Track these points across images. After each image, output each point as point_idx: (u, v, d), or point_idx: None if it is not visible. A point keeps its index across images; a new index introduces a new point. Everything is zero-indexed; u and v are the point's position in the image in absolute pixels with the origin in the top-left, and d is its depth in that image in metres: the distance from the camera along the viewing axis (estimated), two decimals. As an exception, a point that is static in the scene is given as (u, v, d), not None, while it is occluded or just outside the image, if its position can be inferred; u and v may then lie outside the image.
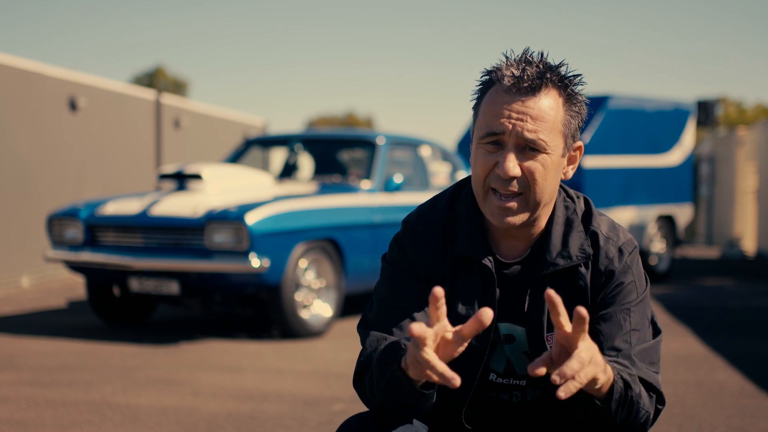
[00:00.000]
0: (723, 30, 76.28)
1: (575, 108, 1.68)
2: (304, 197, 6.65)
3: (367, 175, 7.36)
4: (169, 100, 13.61)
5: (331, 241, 6.59)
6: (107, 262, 6.31)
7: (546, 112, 1.63)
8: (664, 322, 7.22)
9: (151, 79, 47.40)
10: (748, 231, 15.80)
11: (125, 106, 11.94)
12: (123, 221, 6.35)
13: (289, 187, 7.19)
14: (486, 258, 1.72)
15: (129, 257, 6.21)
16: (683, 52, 78.57)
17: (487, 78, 1.69)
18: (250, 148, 8.42)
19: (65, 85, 10.39)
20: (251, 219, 5.91)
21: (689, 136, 11.51)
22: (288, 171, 8.25)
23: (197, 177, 6.67)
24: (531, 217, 1.68)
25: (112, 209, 6.46)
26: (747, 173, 15.71)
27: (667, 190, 11.17)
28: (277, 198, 6.47)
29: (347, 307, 7.41)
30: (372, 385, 1.64)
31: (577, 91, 1.69)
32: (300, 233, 6.25)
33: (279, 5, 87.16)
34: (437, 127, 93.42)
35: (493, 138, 1.64)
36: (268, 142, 8.90)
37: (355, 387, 1.74)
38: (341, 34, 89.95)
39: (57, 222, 6.57)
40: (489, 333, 1.71)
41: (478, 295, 1.72)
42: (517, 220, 1.67)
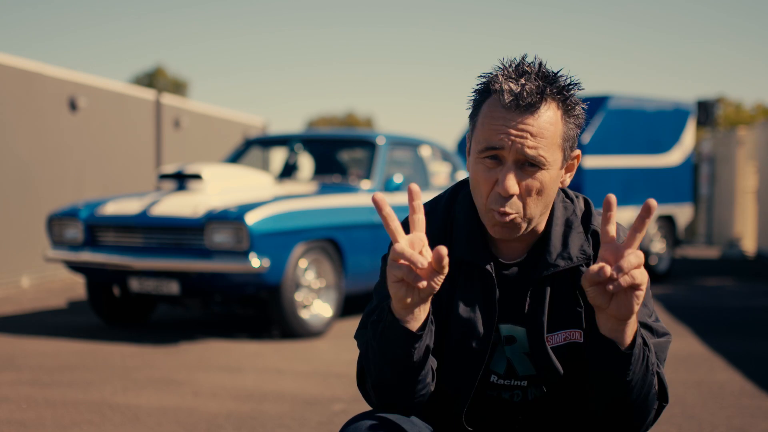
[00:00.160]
0: (723, 30, 76.30)
1: (574, 119, 1.68)
2: (304, 197, 6.65)
3: (367, 175, 7.36)
4: (169, 100, 13.61)
5: (331, 241, 6.59)
6: (107, 262, 6.31)
7: (546, 128, 1.62)
8: (664, 321, 7.19)
9: (151, 79, 47.41)
10: (748, 231, 15.80)
11: (125, 106, 11.94)
12: (123, 221, 6.35)
13: (289, 187, 7.19)
14: (485, 260, 1.72)
15: (129, 257, 6.21)
16: (683, 52, 78.61)
17: (484, 88, 1.67)
18: (250, 148, 8.42)
19: (65, 85, 10.39)
20: (251, 219, 5.91)
21: (689, 136, 11.51)
22: (288, 171, 8.24)
23: (197, 177, 6.67)
24: (529, 228, 1.69)
25: (112, 209, 6.46)
26: (747, 173, 15.71)
27: (667, 190, 11.17)
28: (277, 198, 6.47)
29: (347, 307, 7.41)
30: (370, 360, 1.64)
31: (576, 101, 1.68)
32: (300, 233, 6.25)
33: (279, 5, 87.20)
34: (437, 127, 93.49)
35: (492, 152, 1.64)
36: (268, 142, 8.90)
37: (359, 386, 1.74)
38: (341, 34, 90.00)
39: (57, 222, 6.57)
40: (489, 335, 1.71)
41: (478, 298, 1.72)
42: (516, 233, 1.67)
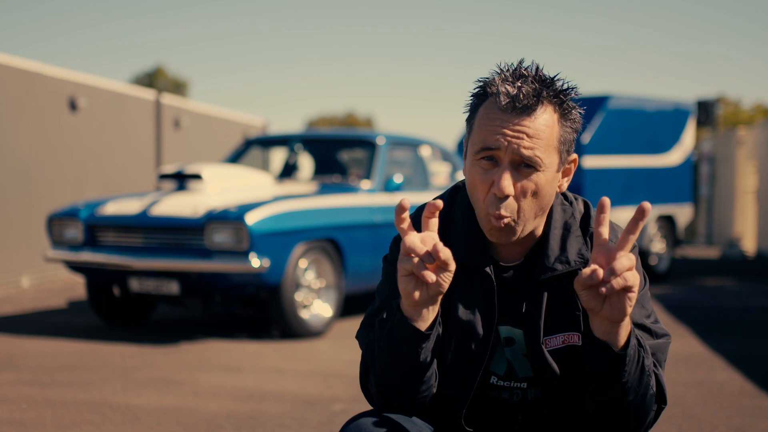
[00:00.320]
0: (723, 30, 76.30)
1: (571, 122, 1.68)
2: (304, 197, 6.65)
3: (367, 175, 7.36)
4: (169, 100, 13.61)
5: (331, 241, 6.59)
6: (107, 262, 6.31)
7: (542, 130, 1.63)
8: (664, 321, 7.22)
9: (151, 79, 47.40)
10: (748, 231, 15.80)
11: (125, 106, 11.94)
12: (123, 221, 6.35)
13: (289, 187, 7.19)
14: (484, 262, 1.72)
15: (129, 257, 6.21)
16: (683, 52, 78.61)
17: (481, 91, 1.68)
18: (250, 148, 8.43)
19: (65, 85, 10.39)
20: (251, 219, 5.91)
21: (689, 136, 11.51)
22: (288, 171, 8.25)
23: (197, 177, 6.67)
24: (525, 231, 1.68)
25: (112, 209, 6.46)
26: (747, 173, 15.71)
27: (667, 190, 11.18)
28: (277, 198, 6.47)
29: (347, 307, 7.41)
30: (375, 358, 1.65)
31: (572, 105, 1.68)
32: (300, 233, 6.25)
33: (279, 5, 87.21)
34: (437, 127, 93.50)
35: (488, 153, 1.64)
36: (268, 142, 8.90)
37: (362, 386, 1.75)
38: (341, 34, 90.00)
39: (57, 222, 6.57)
40: (489, 336, 1.71)
41: (478, 300, 1.72)
42: (512, 236, 1.67)
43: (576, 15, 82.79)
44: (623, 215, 10.13)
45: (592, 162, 9.98)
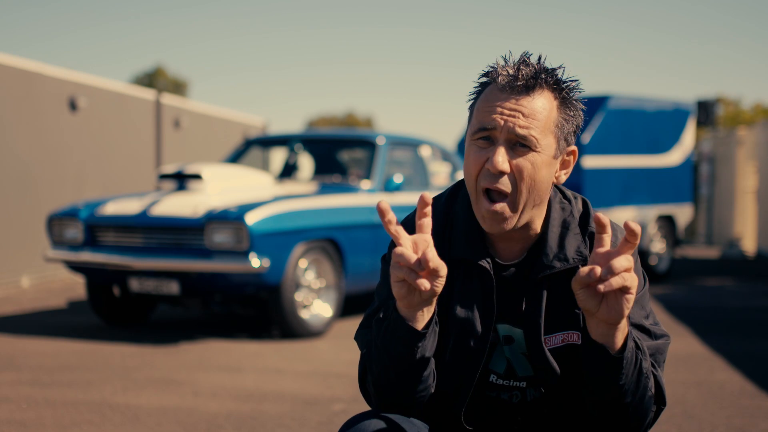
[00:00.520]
0: (723, 30, 76.30)
1: (570, 112, 1.68)
2: (304, 197, 6.66)
3: (367, 175, 7.36)
4: (169, 100, 13.61)
5: (331, 241, 6.59)
6: (107, 262, 6.31)
7: (539, 111, 1.64)
8: (664, 322, 7.22)
9: (151, 79, 47.40)
10: (748, 231, 15.81)
11: (125, 106, 11.94)
12: (123, 221, 6.36)
13: (289, 187, 7.19)
14: (483, 260, 1.72)
15: (129, 257, 6.21)
16: (683, 52, 78.62)
17: (484, 79, 1.70)
18: (250, 148, 8.43)
19: (65, 85, 10.39)
20: (251, 219, 5.91)
21: (689, 136, 11.51)
22: (288, 171, 8.25)
23: (197, 177, 6.67)
24: (521, 221, 1.68)
25: (112, 209, 6.46)
26: (747, 173, 15.71)
27: (667, 190, 11.18)
28: (277, 198, 6.47)
29: (347, 307, 7.41)
30: (372, 358, 1.65)
31: (574, 97, 1.69)
32: (300, 233, 6.25)
33: (279, 5, 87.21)
34: (437, 127, 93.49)
35: (485, 133, 1.65)
36: (268, 142, 8.90)
37: (360, 386, 1.75)
38: (341, 34, 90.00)
39: (57, 222, 6.57)
40: (487, 334, 1.71)
41: (476, 297, 1.72)
42: (507, 225, 1.67)
43: (576, 15, 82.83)
44: (623, 215, 10.14)
45: (592, 162, 9.97)
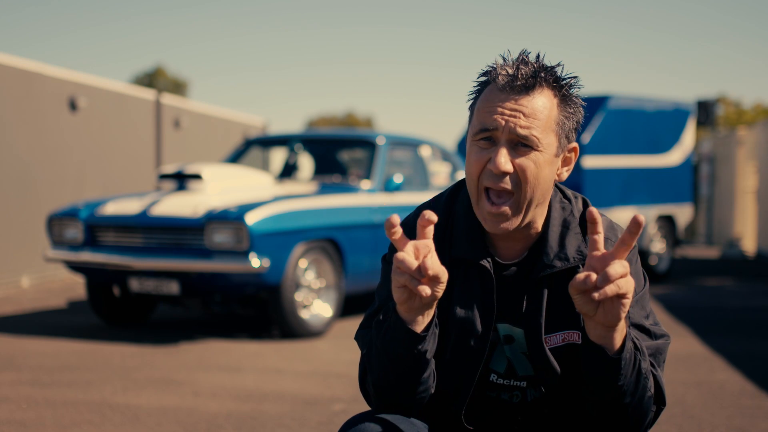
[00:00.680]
0: (723, 30, 76.31)
1: (570, 109, 1.68)
2: (304, 197, 6.65)
3: (367, 175, 7.36)
4: (169, 100, 13.61)
5: (331, 241, 6.59)
6: (107, 262, 6.31)
7: (539, 110, 1.63)
8: (664, 322, 7.22)
9: (151, 79, 47.40)
10: (748, 231, 15.81)
11: (125, 106, 11.94)
12: (123, 221, 6.35)
13: (289, 187, 7.19)
14: (484, 259, 1.72)
15: (129, 257, 6.21)
16: (683, 52, 78.62)
17: (484, 78, 1.70)
18: (250, 148, 8.43)
19: (65, 85, 10.39)
20: (251, 219, 5.91)
21: (689, 136, 11.51)
22: (288, 171, 8.25)
23: (197, 177, 6.67)
24: (524, 220, 1.68)
25: (112, 209, 6.46)
26: (747, 173, 15.71)
27: (667, 190, 11.17)
28: (277, 198, 6.47)
29: (347, 307, 7.41)
30: (372, 359, 1.65)
31: (573, 94, 1.69)
32: (300, 233, 6.25)
33: (279, 5, 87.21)
34: (437, 127, 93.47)
35: (486, 134, 1.65)
36: (268, 142, 8.90)
37: (361, 386, 1.75)
38: (341, 34, 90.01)
39: (57, 222, 6.57)
40: (487, 333, 1.71)
41: (477, 297, 1.72)
42: (510, 225, 1.67)
43: (576, 15, 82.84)
44: (623, 215, 10.14)
45: (592, 162, 9.97)
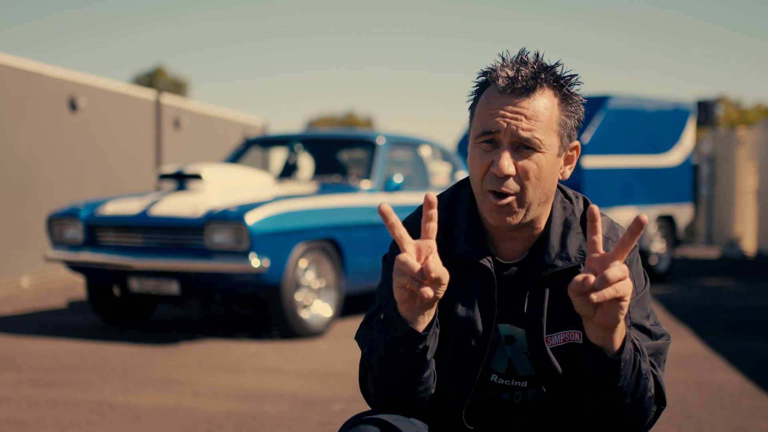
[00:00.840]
0: (723, 30, 76.30)
1: (571, 108, 1.68)
2: (304, 197, 6.65)
3: (367, 175, 7.36)
4: (169, 100, 13.61)
5: (331, 241, 6.59)
6: (107, 262, 6.31)
7: (541, 111, 1.63)
8: (664, 322, 7.22)
9: (151, 79, 47.40)
10: (748, 231, 15.81)
11: (125, 106, 11.94)
12: (123, 221, 6.35)
13: (289, 187, 7.19)
14: (485, 258, 1.72)
15: (129, 257, 6.21)
16: (683, 52, 78.61)
17: (483, 79, 1.70)
18: (250, 148, 8.43)
19: (65, 85, 10.39)
20: (251, 219, 5.91)
21: (689, 136, 11.51)
22: (288, 171, 8.25)
23: (197, 177, 6.67)
24: (527, 217, 1.68)
25: (112, 209, 6.46)
26: (747, 173, 15.71)
27: (667, 190, 11.17)
28: (277, 198, 6.47)
29: (347, 307, 7.41)
30: (373, 359, 1.65)
31: (573, 91, 1.69)
32: (300, 233, 6.25)
33: (279, 5, 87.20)
34: (437, 127, 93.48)
35: (489, 137, 1.65)
36: (268, 142, 8.90)
37: (361, 386, 1.75)
38: (341, 34, 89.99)
39: (57, 222, 6.57)
40: (488, 333, 1.71)
41: (478, 296, 1.72)
42: (514, 219, 1.67)
43: (576, 15, 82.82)
44: (623, 215, 10.14)
45: (592, 162, 9.97)
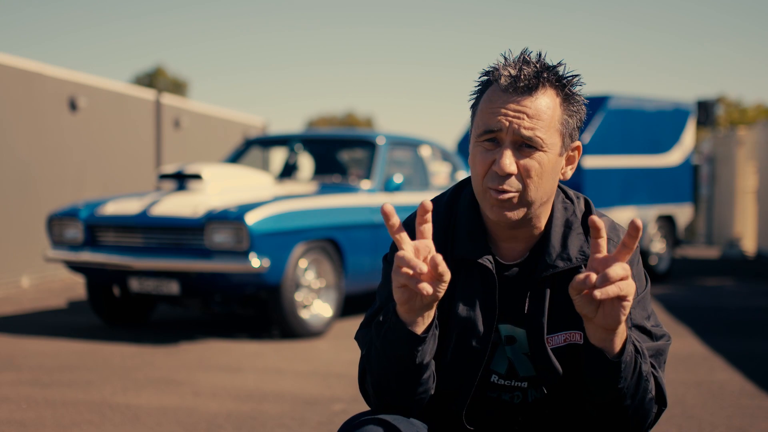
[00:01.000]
0: (723, 30, 76.29)
1: (573, 107, 1.69)
2: (304, 197, 6.65)
3: (367, 175, 7.36)
4: (169, 100, 13.61)
5: (331, 241, 6.59)
6: (107, 262, 6.31)
7: (543, 110, 1.63)
8: (664, 322, 7.22)
9: (151, 79, 47.39)
10: (748, 231, 15.80)
11: (125, 106, 11.94)
12: (123, 221, 6.35)
13: (289, 187, 7.19)
14: (486, 259, 1.71)
15: (129, 257, 6.21)
16: (683, 52, 78.60)
17: (485, 78, 1.70)
18: (250, 148, 8.42)
19: (65, 85, 10.39)
20: (251, 219, 5.91)
21: (689, 136, 11.51)
22: (288, 171, 8.25)
23: (197, 177, 6.67)
24: (528, 214, 1.68)
25: (112, 209, 6.46)
26: (747, 173, 15.71)
27: (667, 190, 11.17)
28: (277, 198, 6.47)
29: (347, 307, 7.41)
30: (372, 360, 1.65)
31: (575, 91, 1.69)
32: (300, 233, 6.25)
33: (279, 5, 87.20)
34: (437, 127, 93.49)
35: (491, 135, 1.65)
36: (268, 142, 8.90)
37: (360, 386, 1.75)
38: (341, 34, 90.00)
39: (57, 222, 6.57)
40: (489, 333, 1.71)
41: (478, 296, 1.72)
42: (515, 215, 1.66)
43: (576, 15, 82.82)
44: (623, 215, 10.14)
45: (592, 162, 9.97)
